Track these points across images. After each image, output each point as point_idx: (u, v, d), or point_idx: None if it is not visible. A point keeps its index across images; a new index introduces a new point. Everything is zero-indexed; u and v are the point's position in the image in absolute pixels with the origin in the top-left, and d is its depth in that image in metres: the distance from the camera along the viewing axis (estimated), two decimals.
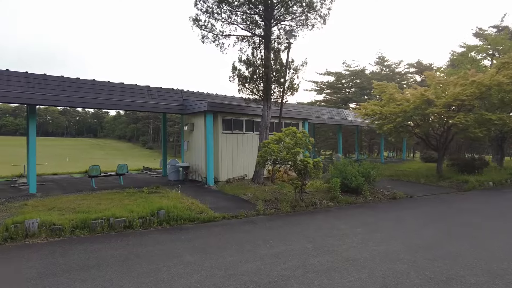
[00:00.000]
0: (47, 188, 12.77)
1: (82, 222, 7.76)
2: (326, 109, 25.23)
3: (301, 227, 8.07)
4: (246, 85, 13.66)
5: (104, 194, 11.27)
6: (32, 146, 11.75)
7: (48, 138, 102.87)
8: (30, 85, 11.78)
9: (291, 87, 14.10)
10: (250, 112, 15.16)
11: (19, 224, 7.32)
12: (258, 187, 13.10)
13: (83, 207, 9.23)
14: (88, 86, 13.10)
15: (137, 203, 9.76)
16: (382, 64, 54.85)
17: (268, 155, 10.00)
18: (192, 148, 15.53)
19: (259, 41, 14.45)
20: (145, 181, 15.18)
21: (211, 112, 13.90)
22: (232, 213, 9.41)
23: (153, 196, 11.05)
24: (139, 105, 13.93)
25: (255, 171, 13.80)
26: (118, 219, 8.07)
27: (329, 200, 11.67)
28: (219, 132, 14.32)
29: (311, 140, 10.58)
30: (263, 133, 13.78)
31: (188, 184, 14.45)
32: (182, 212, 8.91)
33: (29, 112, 11.79)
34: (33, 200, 10.14)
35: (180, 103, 15.33)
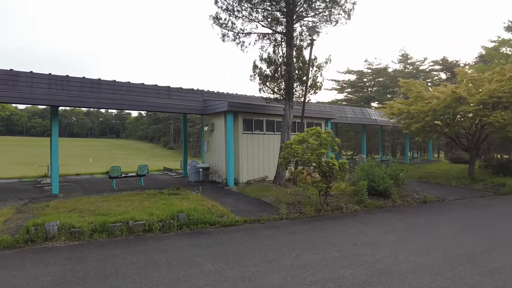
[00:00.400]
0: (69, 189, 12.84)
1: (101, 225, 7.58)
2: (349, 108, 24.45)
3: (327, 233, 7.57)
4: (267, 84, 13.25)
5: (124, 196, 11.16)
6: (55, 147, 11.80)
7: (74, 139, 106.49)
8: (52, 86, 11.86)
9: (314, 85, 13.57)
10: (271, 112, 14.75)
11: (40, 226, 7.23)
12: (280, 190, 12.66)
13: (103, 209, 9.10)
14: (108, 86, 13.08)
15: (157, 205, 9.56)
16: (405, 62, 53.06)
17: (291, 157, 9.55)
18: (212, 149, 15.29)
19: (281, 38, 14.02)
20: (165, 182, 15.06)
21: (232, 112, 13.59)
22: (254, 216, 9.03)
23: (174, 198, 10.84)
24: (159, 106, 13.81)
25: (277, 172, 13.37)
26: (137, 222, 7.85)
27: (356, 204, 11.08)
28: (239, 133, 13.99)
29: (337, 140, 10.05)
30: (285, 133, 13.32)
31: (208, 185, 14.20)
32: (203, 215, 8.61)
33: (52, 113, 11.86)
34: (55, 201, 10.13)
35: (200, 104, 15.12)
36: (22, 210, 9.07)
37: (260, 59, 13.21)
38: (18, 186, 13.69)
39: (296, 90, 13.63)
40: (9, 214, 8.70)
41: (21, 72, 11.48)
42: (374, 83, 53.55)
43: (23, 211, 8.98)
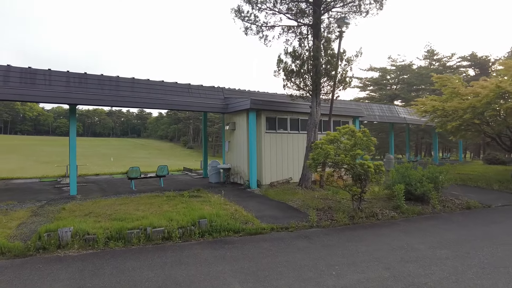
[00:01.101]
0: (87, 190, 12.46)
1: (118, 231, 6.99)
2: (376, 105, 23.19)
3: (367, 246, 6.67)
4: (293, 80, 12.40)
5: (143, 198, 10.62)
6: (73, 147, 11.42)
7: (96, 139, 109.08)
8: (70, 84, 11.48)
9: (343, 80, 12.60)
10: (295, 110, 13.89)
11: (53, 232, 6.71)
12: (307, 193, 11.79)
13: (120, 213, 8.55)
14: (127, 84, 12.62)
15: (177, 209, 8.94)
16: (431, 58, 50.75)
17: (322, 158, 8.67)
18: (233, 149, 14.59)
19: (307, 31, 13.14)
20: (185, 183, 14.50)
21: (254, 110, 12.83)
22: (281, 224, 8.22)
23: (194, 200, 10.20)
24: (179, 104, 13.23)
25: (302, 174, 12.50)
26: (156, 229, 7.21)
27: (392, 209, 10.07)
28: (262, 132, 13.21)
29: (373, 140, 9.08)
30: (312, 132, 12.43)
31: (229, 187, 13.51)
32: (226, 221, 7.89)
33: (70, 112, 11.49)
34: (72, 204, 9.69)
35: (221, 101, 14.45)
36: (38, 213, 8.65)
37: (285, 53, 12.38)
38: (38, 186, 13.47)
39: (324, 86, 12.71)
40: (24, 217, 8.28)
41: (39, 70, 11.15)
42: (398, 81, 51.60)
43: (38, 214, 8.55)
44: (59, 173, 17.42)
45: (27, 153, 55.38)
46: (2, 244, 6.34)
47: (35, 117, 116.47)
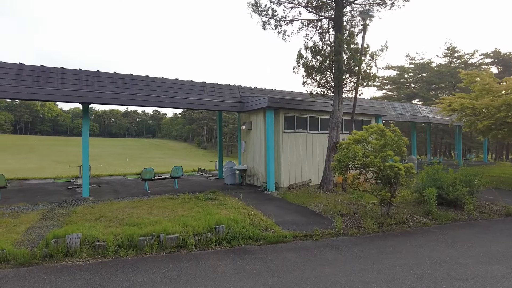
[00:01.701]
0: (100, 191, 12.10)
1: (129, 238, 6.49)
2: (398, 104, 22.17)
3: (404, 258, 5.94)
4: (313, 76, 11.70)
5: (156, 201, 10.15)
6: (85, 147, 11.07)
7: (112, 139, 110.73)
8: (83, 82, 11.13)
9: (367, 76, 11.82)
10: (315, 108, 13.18)
11: (60, 239, 6.26)
12: (329, 196, 11.08)
13: (133, 217, 8.08)
14: (141, 83, 12.20)
15: (192, 213, 8.40)
16: (451, 56, 48.88)
17: (349, 159, 7.96)
18: (250, 150, 14.00)
19: (328, 25, 12.43)
20: (200, 185, 14.01)
21: (272, 108, 12.20)
22: (304, 231, 7.56)
23: (210, 204, 9.66)
24: (194, 103, 12.73)
25: (324, 176, 11.79)
26: (170, 235, 6.68)
27: (423, 215, 9.26)
28: (280, 131, 12.57)
29: (405, 140, 8.31)
30: (334, 132, 11.71)
31: (246, 189, 12.93)
32: (244, 227, 7.29)
33: (83, 111, 11.14)
34: (83, 206, 9.30)
35: (237, 100, 13.89)
36: (48, 216, 8.27)
37: (304, 48, 11.70)
38: (52, 187, 13.22)
39: (347, 83, 11.97)
40: (34, 220, 7.91)
41: (52, 68, 10.84)
42: (416, 79, 50.04)
43: (48, 218, 8.17)
44: (73, 174, 17.23)
45: (46, 153, 56.46)
46: (8, 251, 5.93)
47: (54, 118, 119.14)
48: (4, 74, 10.07)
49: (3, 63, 10.19)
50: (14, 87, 9.90)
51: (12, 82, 10.04)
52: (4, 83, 9.89)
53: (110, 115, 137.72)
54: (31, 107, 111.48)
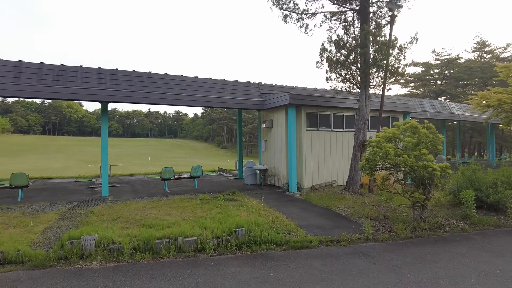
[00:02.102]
0: (120, 191, 12.00)
1: (145, 241, 6.19)
2: (426, 101, 21.06)
3: (446, 269, 5.30)
4: (338, 70, 11.09)
5: (175, 201, 9.88)
6: (104, 147, 10.97)
7: (135, 139, 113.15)
8: (102, 81, 11.03)
9: (395, 71, 11.10)
10: (340, 105, 12.55)
11: (76, 240, 6.03)
12: (355, 198, 10.45)
13: (150, 218, 7.81)
14: (160, 80, 12.00)
15: (212, 215, 8.04)
16: (481, 50, 46.39)
17: (379, 159, 7.35)
18: (270, 149, 13.53)
19: (353, 17, 11.78)
20: (220, 185, 13.68)
21: (294, 105, 11.69)
22: (331, 235, 7.03)
23: (230, 205, 9.28)
24: (214, 101, 12.40)
25: (350, 177, 11.15)
26: (188, 238, 6.33)
27: (460, 220, 8.50)
28: (302, 130, 12.03)
29: (441, 138, 7.61)
30: (360, 130, 11.06)
31: (266, 189, 12.48)
32: (266, 231, 6.85)
33: (102, 110, 11.04)
34: (101, 206, 9.14)
35: (257, 98, 13.46)
36: (66, 216, 8.14)
37: (328, 42, 11.11)
38: (73, 186, 13.28)
39: (373, 78, 11.28)
40: (52, 220, 7.78)
41: (71, 67, 10.80)
42: (443, 76, 47.87)
43: (66, 218, 8.03)
44: (95, 173, 17.36)
45: (72, 153, 58.22)
46: (24, 252, 5.77)
47: (79, 119, 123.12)
48: (26, 74, 10.10)
49: (24, 63, 10.22)
50: (35, 86, 9.91)
51: (33, 82, 10.05)
52: (26, 82, 9.90)
53: (133, 115, 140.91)
54: (58, 108, 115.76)
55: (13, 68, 10.03)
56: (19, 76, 9.95)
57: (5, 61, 10.03)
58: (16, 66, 10.07)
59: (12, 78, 9.88)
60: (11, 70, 9.97)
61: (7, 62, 10.03)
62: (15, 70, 10.01)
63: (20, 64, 10.16)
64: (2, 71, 9.88)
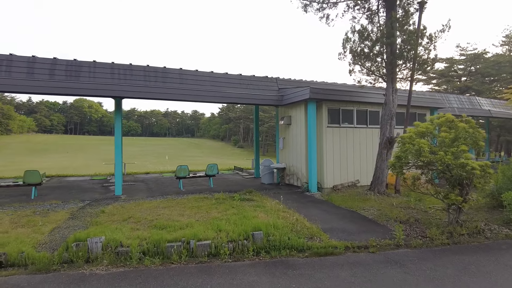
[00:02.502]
0: (134, 190, 11.68)
1: (155, 244, 5.73)
2: (454, 96, 19.87)
3: (497, 284, 4.57)
4: (362, 62, 10.35)
5: (190, 200, 9.43)
6: (118, 144, 10.66)
7: (153, 138, 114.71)
8: (115, 76, 10.73)
9: (425, 62, 10.25)
10: (363, 99, 11.78)
11: (82, 242, 5.64)
12: (381, 199, 9.70)
13: (163, 218, 7.37)
14: (175, 75, 11.60)
15: (227, 215, 7.54)
16: (510, 44, 43.94)
17: (412, 156, 6.62)
18: (289, 146, 12.90)
19: (378, 6, 11.00)
20: (236, 184, 13.18)
21: (314, 100, 11.03)
22: (358, 240, 6.37)
23: (246, 205, 8.75)
24: (230, 96, 11.91)
25: (375, 176, 10.40)
26: (201, 242, 5.83)
27: (502, 225, 7.65)
28: (323, 126, 11.34)
29: (482, 133, 6.79)
30: (387, 126, 10.28)
31: (284, 189, 11.87)
32: (286, 235, 6.27)
33: (116, 106, 10.74)
34: (113, 206, 8.79)
35: (275, 93, 12.86)
36: (76, 216, 7.81)
37: (352, 31, 10.37)
38: (87, 184, 13.09)
39: (400, 70, 10.48)
40: (61, 220, 7.47)
41: (84, 62, 10.54)
42: (468, 72, 45.75)
43: (76, 217, 7.70)
44: (110, 171, 17.20)
45: (92, 152, 59.39)
46: (27, 254, 5.42)
47: (100, 118, 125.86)
48: (39, 69, 9.89)
49: (38, 58, 10.02)
50: (48, 81, 9.68)
51: (46, 77, 9.82)
52: (39, 78, 9.69)
53: (151, 115, 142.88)
54: (79, 109, 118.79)
55: (26, 63, 9.84)
56: (32, 72, 9.75)
57: (18, 57, 9.86)
58: (30, 61, 9.88)
59: (25, 74, 9.69)
60: (24, 65, 9.79)
61: (20, 58, 9.85)
62: (28, 65, 9.82)
63: (34, 60, 9.96)
64: (16, 67, 9.71)
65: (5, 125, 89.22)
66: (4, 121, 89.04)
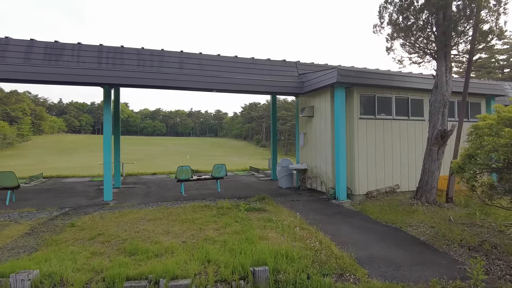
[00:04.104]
0: (129, 194, 10.02)
1: (110, 282, 3.89)
2: (508, 83, 16.84)
3: None
4: (404, 34, 8.06)
5: (186, 210, 7.59)
6: (107, 141, 9.00)
7: (177, 138, 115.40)
8: (103, 60, 9.07)
9: (490, 31, 7.80)
10: (404, 84, 9.45)
11: (4, 279, 3.90)
12: (432, 211, 7.40)
13: (141, 237, 5.57)
14: (174, 60, 9.82)
15: (225, 235, 5.63)
16: None
17: (500, 153, 4.37)
18: (311, 143, 10.76)
19: None
20: (249, 187, 11.23)
21: (343, 85, 8.88)
22: (412, 280, 4.23)
23: (254, 218, 6.80)
24: (240, 83, 9.93)
25: (422, 181, 8.06)
26: (176, 282, 3.94)
27: None
28: (354, 117, 9.13)
29: None
30: (438, 115, 7.93)
31: (305, 195, 9.79)
32: (304, 269, 4.25)
33: (104, 95, 9.10)
34: (90, 216, 7.09)
35: (295, 79, 10.78)
36: (36, 231, 6.14)
37: None
38: (82, 187, 11.60)
39: (457, 43, 8.09)
40: (14, 236, 5.82)
41: (67, 45, 8.96)
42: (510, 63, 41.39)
43: (34, 232, 6.04)
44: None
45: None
46: None
47: (125, 118, 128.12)
48: (13, 52, 8.41)
49: (11, 40, 8.54)
50: (21, 66, 8.16)
51: (20, 61, 8.31)
52: (11, 62, 8.19)
53: (176, 115, 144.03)
54: None
55: None
56: (3, 55, 8.26)
57: None
58: (1, 43, 8.40)
59: None
60: None
61: None
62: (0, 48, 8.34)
63: (6, 42, 8.49)
64: None
65: (37, 126, 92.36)
66: (37, 121, 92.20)
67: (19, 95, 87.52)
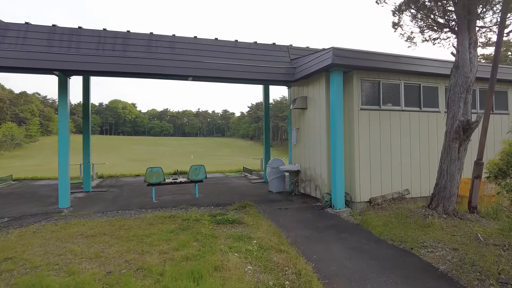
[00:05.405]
0: (92, 200, 8.63)
1: None
2: None
3: None
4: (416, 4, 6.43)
5: (142, 222, 6.16)
6: (63, 138, 7.63)
7: (185, 138, 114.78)
8: (55, 43, 7.70)
9: None
10: (414, 68, 7.79)
11: None
12: (452, 225, 5.76)
13: (58, 264, 4.21)
14: (141, 42, 8.39)
15: (170, 262, 4.16)
16: None
17: None
18: (304, 140, 9.17)
19: None
20: (234, 192, 9.73)
21: (340, 68, 7.30)
22: None
23: (222, 235, 5.32)
24: (220, 69, 8.37)
25: (438, 186, 6.40)
26: None
27: None
28: (354, 108, 7.53)
29: None
30: (459, 103, 6.26)
31: (297, 202, 8.25)
32: None
33: (59, 84, 7.73)
34: (19, 231, 5.69)
35: (286, 65, 9.23)
36: None
37: None
38: (48, 191, 10.29)
39: (482, 12, 6.43)
40: None
41: (11, 24, 7.63)
42: None
43: None
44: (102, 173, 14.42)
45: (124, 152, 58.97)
46: None
47: (133, 119, 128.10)
48: None
49: None
50: None
51: None
52: None
53: (183, 115, 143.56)
54: (114, 110, 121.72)
55: None
56: None
57: None
58: None
59: None
60: None
61: None
62: None
63: None
64: None
65: (46, 127, 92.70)
66: (45, 122, 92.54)
67: (28, 96, 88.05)
